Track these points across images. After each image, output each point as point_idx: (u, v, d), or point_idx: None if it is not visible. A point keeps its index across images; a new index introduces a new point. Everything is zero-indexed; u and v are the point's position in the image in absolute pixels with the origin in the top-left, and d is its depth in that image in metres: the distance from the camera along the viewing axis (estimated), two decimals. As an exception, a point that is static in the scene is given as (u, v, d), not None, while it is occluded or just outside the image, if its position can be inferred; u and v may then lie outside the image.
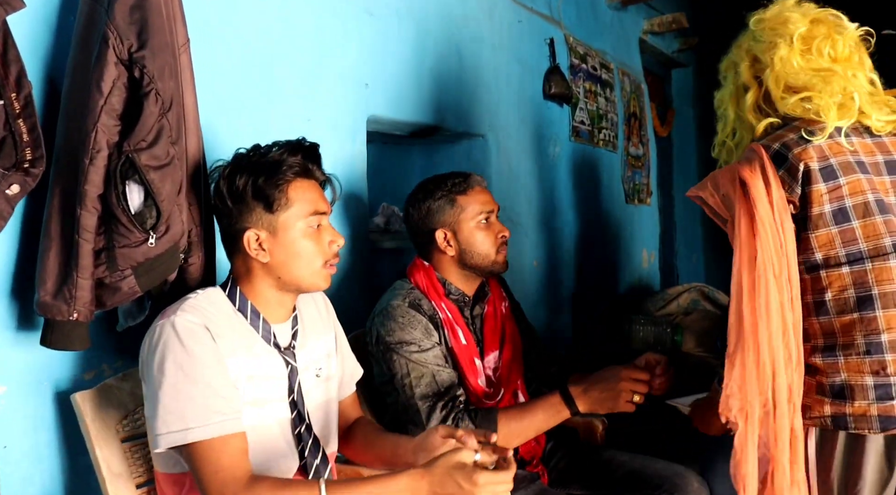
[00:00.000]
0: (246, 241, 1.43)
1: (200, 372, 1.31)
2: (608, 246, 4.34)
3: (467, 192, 1.95)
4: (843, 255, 1.47)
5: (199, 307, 1.38)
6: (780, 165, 1.50)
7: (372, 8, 2.39)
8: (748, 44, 1.69)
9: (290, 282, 1.46)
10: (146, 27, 1.34)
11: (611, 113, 4.33)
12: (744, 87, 1.68)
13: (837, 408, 1.47)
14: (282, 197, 1.42)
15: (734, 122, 1.72)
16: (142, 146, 1.34)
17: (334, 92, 2.23)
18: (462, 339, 1.89)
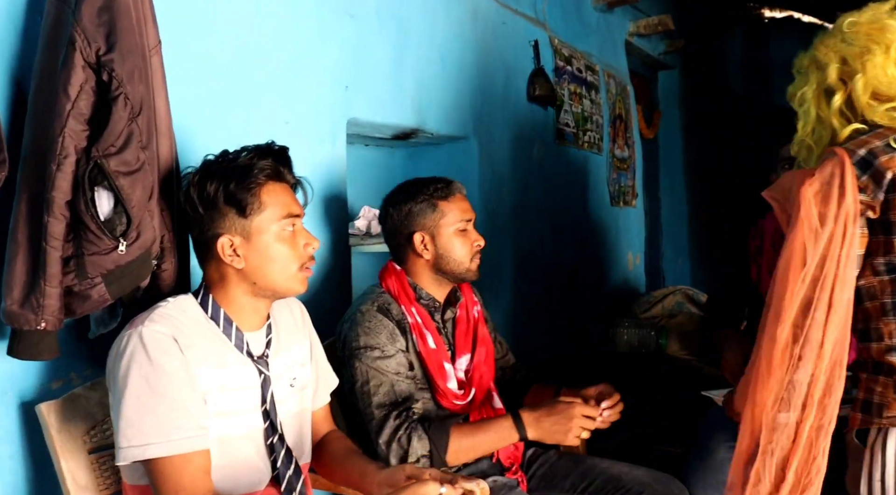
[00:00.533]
0: (220, 248, 1.40)
1: (165, 385, 1.28)
2: (593, 248, 4.33)
3: (448, 199, 1.95)
4: None
5: (169, 316, 1.36)
6: (864, 171, 1.49)
7: (352, 9, 2.36)
8: (838, 45, 1.62)
9: (266, 287, 1.44)
10: (114, 29, 1.31)
11: (596, 115, 4.32)
12: (829, 89, 1.63)
13: None
14: (254, 201, 1.40)
15: (815, 121, 1.66)
16: (111, 151, 1.31)
17: (313, 94, 2.20)
18: (431, 343, 1.89)
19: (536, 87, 3.51)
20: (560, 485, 1.97)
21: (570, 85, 3.97)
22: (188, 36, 1.80)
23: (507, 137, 3.34)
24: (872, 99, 1.56)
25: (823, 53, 1.63)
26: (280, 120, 2.08)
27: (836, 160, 1.49)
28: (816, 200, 1.48)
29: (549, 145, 3.74)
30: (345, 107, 2.33)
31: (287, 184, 1.48)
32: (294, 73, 2.13)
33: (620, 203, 4.69)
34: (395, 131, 2.72)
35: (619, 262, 4.70)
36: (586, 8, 4.37)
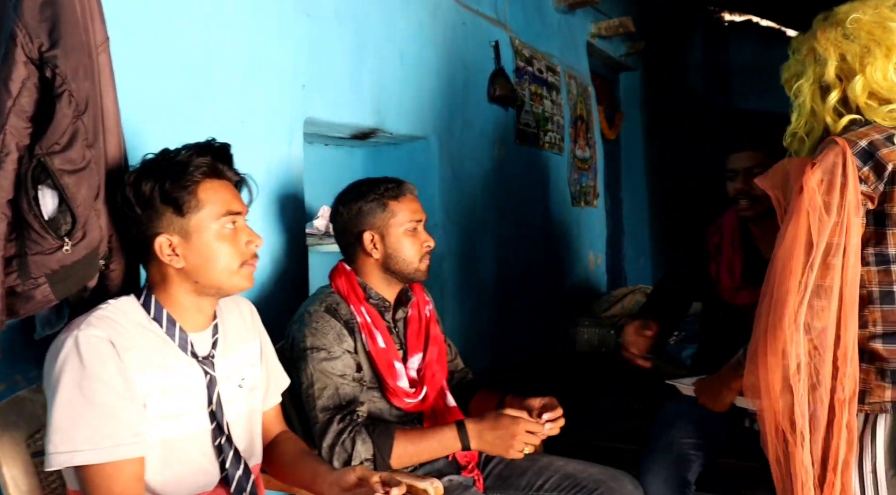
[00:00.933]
0: (158, 248, 1.38)
1: (98, 392, 1.26)
2: (554, 248, 4.36)
3: (399, 199, 1.95)
4: None
5: (108, 318, 1.34)
6: (865, 162, 1.50)
7: (309, 8, 2.35)
8: (839, 39, 1.60)
9: (209, 285, 1.42)
10: (58, 25, 1.29)
11: (557, 116, 4.35)
12: (826, 85, 1.62)
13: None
14: (191, 199, 1.38)
15: (808, 114, 1.66)
16: (55, 149, 1.28)
17: (270, 93, 2.19)
18: (380, 343, 1.89)
19: (497, 88, 3.52)
20: (516, 484, 1.97)
21: (530, 85, 3.99)
22: (141, 33, 1.78)
23: (467, 137, 3.35)
24: (870, 99, 1.57)
25: (824, 46, 1.61)
26: (236, 119, 2.06)
27: (838, 150, 1.50)
28: (820, 189, 1.49)
29: (509, 145, 3.76)
30: (302, 106, 2.31)
31: (227, 181, 1.46)
32: (250, 72, 2.11)
33: (582, 203, 4.72)
34: (353, 131, 2.71)
35: (581, 262, 4.73)
36: (547, 9, 4.39)
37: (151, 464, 1.35)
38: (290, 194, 2.27)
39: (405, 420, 1.93)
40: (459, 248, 3.27)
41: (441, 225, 3.12)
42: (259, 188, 2.10)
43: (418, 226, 1.96)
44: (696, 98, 7.34)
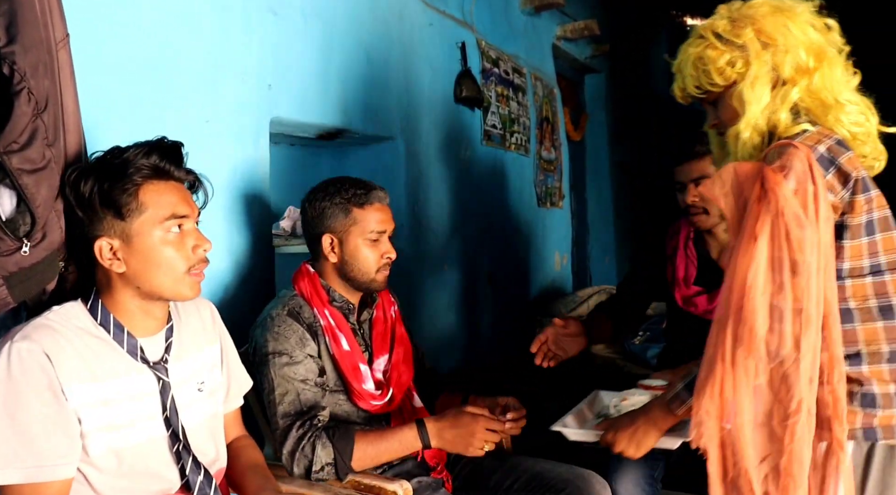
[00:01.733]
0: (98, 251, 1.33)
1: (23, 409, 1.22)
2: (520, 249, 4.37)
3: (364, 206, 1.90)
4: (868, 266, 1.45)
5: (49, 327, 1.29)
6: (828, 169, 1.41)
7: (276, 7, 2.33)
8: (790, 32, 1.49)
9: (151, 291, 1.37)
10: (15, 21, 1.26)
11: (523, 117, 4.37)
12: (781, 79, 1.50)
13: (867, 419, 1.43)
14: (132, 201, 1.32)
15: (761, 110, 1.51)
16: (13, 148, 1.25)
17: (235, 93, 2.16)
18: (345, 345, 1.87)
19: (463, 89, 3.52)
20: (484, 484, 1.98)
21: (497, 87, 4.00)
22: (103, 30, 1.74)
23: (433, 138, 3.35)
24: (827, 101, 1.50)
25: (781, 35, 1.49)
26: (200, 118, 2.03)
27: (802, 156, 1.38)
28: (797, 199, 1.36)
29: (476, 146, 3.76)
30: (268, 106, 2.29)
31: (176, 181, 1.41)
32: (215, 71, 2.09)
33: (547, 204, 4.74)
34: (320, 131, 2.68)
35: (547, 263, 4.75)
36: (514, 11, 4.41)
37: (104, 474, 1.31)
38: (255, 195, 2.24)
39: (372, 421, 1.92)
40: (426, 249, 3.26)
41: (408, 225, 3.11)
42: (224, 189, 2.10)
43: (381, 236, 1.91)
44: (661, 100, 7.42)
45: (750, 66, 1.50)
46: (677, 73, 1.64)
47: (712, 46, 1.53)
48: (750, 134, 1.51)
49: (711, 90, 1.57)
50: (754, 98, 1.50)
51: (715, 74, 1.54)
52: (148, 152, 1.36)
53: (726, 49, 1.52)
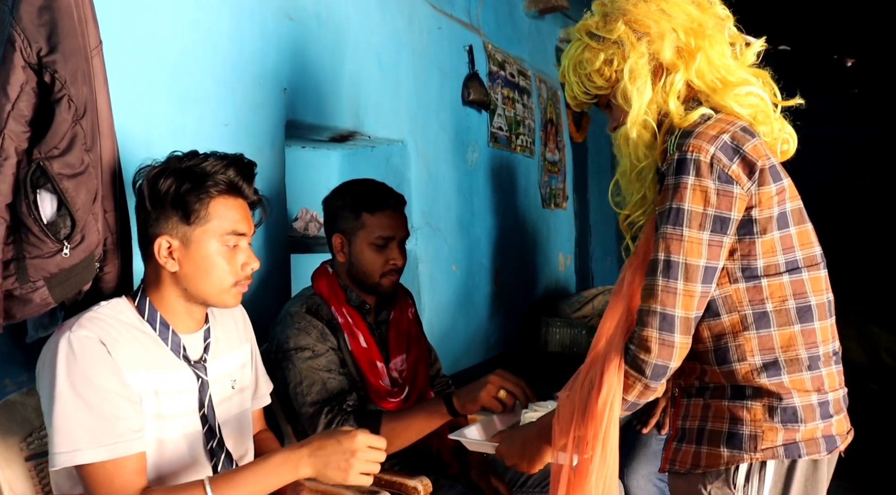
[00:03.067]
0: (157, 247, 1.38)
1: (94, 391, 1.27)
2: (525, 250, 4.41)
3: (374, 212, 1.94)
4: (784, 263, 1.32)
5: (99, 320, 1.33)
6: (732, 159, 1.29)
7: (291, 12, 2.37)
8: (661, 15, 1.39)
9: (197, 295, 1.43)
10: (56, 30, 1.29)
11: (528, 119, 4.41)
12: (663, 66, 1.39)
13: (789, 434, 1.31)
14: (201, 209, 1.38)
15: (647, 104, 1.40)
16: (54, 154, 1.29)
17: (252, 96, 2.20)
18: (362, 342, 1.92)
19: (471, 91, 3.57)
20: (499, 479, 2.02)
21: (503, 89, 4.04)
22: (128, 37, 1.78)
23: (442, 140, 3.39)
24: (726, 84, 1.38)
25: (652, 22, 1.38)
26: (219, 122, 2.07)
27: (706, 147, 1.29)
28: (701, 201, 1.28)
29: (482, 148, 3.81)
30: (283, 109, 2.33)
31: (244, 200, 1.47)
32: (233, 75, 2.13)
33: (551, 205, 4.79)
34: (332, 133, 2.73)
35: (551, 263, 4.80)
36: (518, 14, 4.45)
37: (148, 463, 1.35)
38: (272, 196, 2.27)
39: None
40: (435, 249, 3.30)
41: (417, 226, 3.15)
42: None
43: (388, 243, 1.94)
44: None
45: (627, 61, 1.39)
46: (565, 82, 1.52)
47: (588, 47, 1.43)
48: (638, 132, 1.40)
49: (599, 94, 1.46)
50: (635, 93, 1.39)
51: (596, 76, 1.43)
52: (227, 166, 1.41)
53: (601, 47, 1.41)
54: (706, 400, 1.39)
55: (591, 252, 6.23)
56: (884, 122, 8.63)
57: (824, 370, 1.33)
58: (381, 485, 1.70)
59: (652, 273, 1.32)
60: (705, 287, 1.30)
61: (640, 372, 1.31)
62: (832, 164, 8.39)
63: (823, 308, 1.35)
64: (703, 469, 1.36)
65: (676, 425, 1.45)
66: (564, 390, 1.44)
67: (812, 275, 1.34)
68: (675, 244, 1.29)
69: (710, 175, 1.28)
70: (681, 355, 1.31)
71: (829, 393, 1.33)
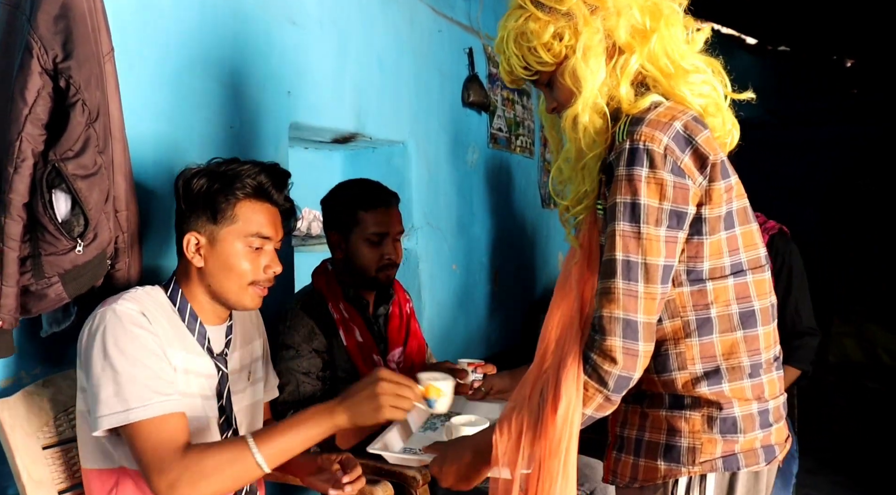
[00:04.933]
0: (185, 242, 1.47)
1: (141, 353, 1.34)
2: (525, 249, 4.47)
3: (369, 210, 2.03)
4: (728, 265, 1.25)
5: (139, 298, 1.42)
6: (684, 150, 1.20)
7: (294, 17, 2.43)
8: None
9: (219, 292, 1.50)
10: (71, 37, 1.36)
11: (528, 120, 4.47)
12: (617, 46, 1.28)
13: (728, 446, 1.26)
14: (227, 210, 1.47)
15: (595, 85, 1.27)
16: (69, 155, 1.35)
17: (256, 99, 2.26)
18: (358, 337, 1.99)
19: (471, 93, 3.62)
20: None
21: (503, 91, 4.10)
22: (139, 43, 1.83)
23: (442, 141, 3.45)
24: (678, 69, 1.28)
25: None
26: (225, 125, 2.13)
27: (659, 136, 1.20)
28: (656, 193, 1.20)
29: (482, 149, 3.87)
30: (287, 111, 2.39)
31: (273, 205, 1.53)
32: (238, 79, 2.18)
33: (551, 205, 4.84)
34: (335, 135, 2.79)
35: (550, 262, 4.85)
36: (518, 16, 4.50)
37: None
38: (276, 197, 2.34)
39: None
40: (435, 249, 3.36)
41: (417, 226, 3.21)
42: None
43: (382, 239, 2.02)
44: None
45: (579, 36, 1.26)
46: (500, 54, 1.40)
47: (533, 17, 1.29)
48: (590, 116, 1.27)
49: (542, 70, 1.32)
50: (588, 73, 1.26)
51: (541, 51, 1.29)
52: (258, 172, 1.49)
53: (550, 19, 1.27)
54: (643, 409, 1.32)
55: (591, 251, 6.28)
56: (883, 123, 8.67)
57: (765, 377, 1.28)
58: (382, 475, 1.75)
59: (609, 275, 1.21)
60: (664, 287, 1.21)
61: (601, 383, 1.21)
62: (832, 164, 8.41)
63: (767, 312, 1.29)
64: (640, 483, 1.30)
65: (615, 432, 1.38)
66: (510, 402, 1.34)
67: (756, 277, 1.27)
68: (632, 242, 1.20)
69: (664, 166, 1.18)
70: (643, 365, 1.22)
71: (769, 401, 1.29)
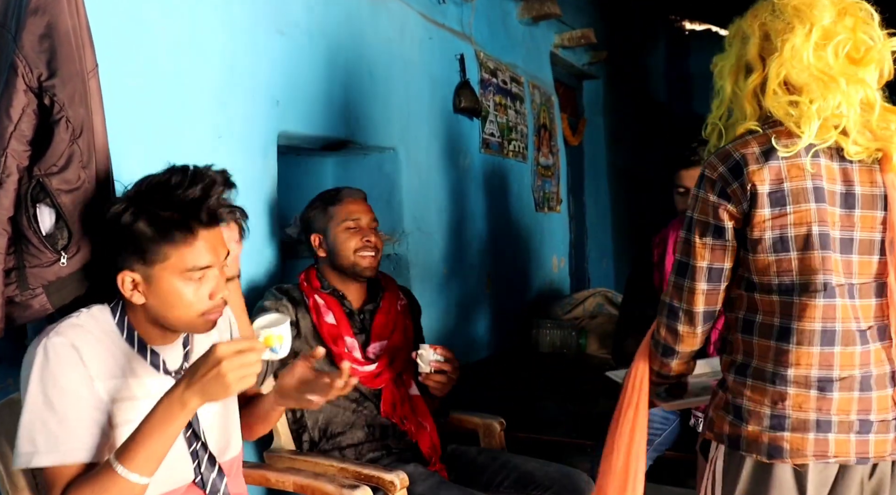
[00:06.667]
0: (120, 282, 1.38)
1: (59, 398, 1.32)
2: (519, 253, 4.51)
3: (336, 203, 2.22)
4: (776, 284, 1.41)
5: (79, 326, 1.38)
6: (736, 178, 1.40)
7: (283, 27, 2.47)
8: (765, 16, 1.46)
9: (167, 325, 1.44)
10: (55, 56, 1.40)
11: (521, 125, 4.50)
12: (748, 65, 1.48)
13: (734, 429, 1.45)
14: (157, 251, 1.36)
15: (730, 100, 1.53)
16: (53, 171, 1.40)
17: (245, 109, 2.30)
18: (330, 320, 2.11)
19: (462, 99, 3.66)
20: (478, 481, 2.11)
21: (495, 96, 4.14)
22: (127, 55, 1.87)
23: (433, 147, 3.49)
24: (779, 87, 1.42)
25: (749, 24, 1.48)
26: (213, 134, 2.17)
27: (707, 170, 1.45)
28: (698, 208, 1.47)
29: (474, 154, 3.90)
30: (276, 120, 2.43)
31: (208, 228, 1.41)
32: (226, 89, 2.22)
33: (545, 209, 4.88)
34: (324, 142, 2.83)
35: (544, 266, 4.89)
36: (512, 22, 4.54)
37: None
38: (265, 205, 2.38)
39: (364, 400, 2.10)
40: (426, 254, 3.40)
41: (408, 231, 3.25)
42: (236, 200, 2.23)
43: (358, 222, 2.18)
44: (659, 104, 7.56)
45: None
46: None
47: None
48: None
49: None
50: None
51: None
52: (197, 193, 1.39)
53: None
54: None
55: (587, 254, 6.32)
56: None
57: (791, 390, 1.40)
58: (360, 480, 1.80)
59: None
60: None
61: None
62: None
63: (805, 335, 1.40)
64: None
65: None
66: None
67: (803, 301, 1.40)
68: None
69: None
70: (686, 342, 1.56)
71: (787, 410, 1.40)
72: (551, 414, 3.05)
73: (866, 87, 1.39)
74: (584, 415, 2.95)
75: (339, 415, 2.07)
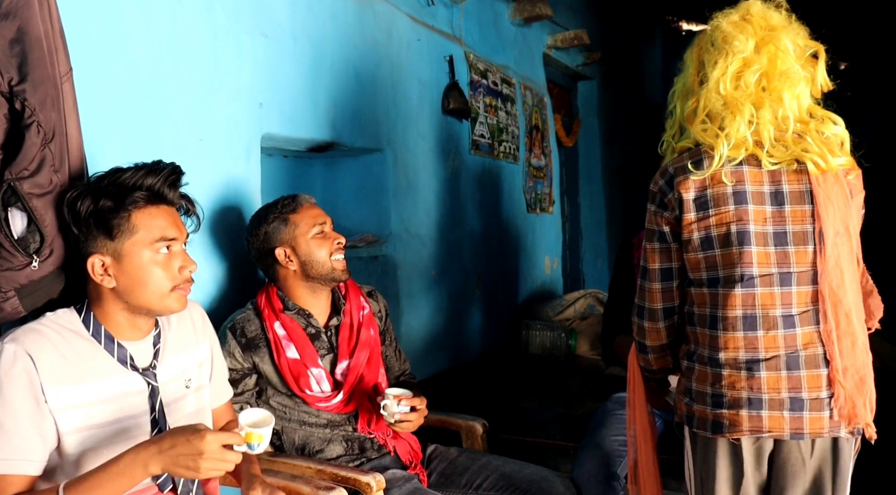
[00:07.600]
0: (90, 267, 1.43)
1: (4, 405, 1.32)
2: (510, 254, 4.51)
3: (297, 210, 2.12)
4: (706, 278, 1.62)
5: (38, 331, 1.39)
6: (671, 189, 1.61)
7: (266, 30, 2.47)
8: (703, 44, 1.65)
9: (139, 306, 1.47)
10: (26, 61, 1.41)
11: (512, 126, 4.51)
12: (690, 90, 1.68)
13: (689, 409, 1.65)
14: (124, 223, 1.43)
15: (680, 120, 1.71)
16: (24, 175, 1.40)
17: (227, 111, 2.30)
18: (292, 354, 2.03)
19: (451, 101, 3.67)
20: (457, 482, 2.11)
21: (485, 97, 4.15)
22: (104, 58, 1.88)
23: (421, 148, 3.49)
24: (702, 113, 1.60)
25: (690, 52, 1.67)
26: (195, 137, 2.17)
27: (657, 176, 1.68)
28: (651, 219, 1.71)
29: (464, 155, 3.91)
30: (259, 123, 2.43)
31: (169, 205, 1.51)
32: (208, 91, 2.23)
33: (537, 210, 4.89)
34: (310, 144, 2.83)
35: (537, 267, 4.89)
36: (503, 23, 4.55)
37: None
38: (247, 208, 2.38)
39: (334, 425, 2.07)
40: (414, 255, 3.41)
41: (395, 232, 3.26)
42: (217, 202, 2.25)
43: (324, 227, 2.13)
44: (654, 104, 7.56)
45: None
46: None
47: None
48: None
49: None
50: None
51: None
52: (144, 176, 1.47)
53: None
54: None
55: (581, 255, 6.32)
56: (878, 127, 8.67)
57: (724, 371, 1.59)
58: (337, 481, 1.81)
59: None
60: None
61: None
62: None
63: (730, 321, 1.59)
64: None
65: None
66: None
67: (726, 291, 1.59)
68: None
69: None
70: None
71: (724, 389, 1.58)
72: (536, 415, 3.06)
73: (782, 106, 1.56)
74: (569, 417, 2.96)
75: (315, 434, 2.06)
